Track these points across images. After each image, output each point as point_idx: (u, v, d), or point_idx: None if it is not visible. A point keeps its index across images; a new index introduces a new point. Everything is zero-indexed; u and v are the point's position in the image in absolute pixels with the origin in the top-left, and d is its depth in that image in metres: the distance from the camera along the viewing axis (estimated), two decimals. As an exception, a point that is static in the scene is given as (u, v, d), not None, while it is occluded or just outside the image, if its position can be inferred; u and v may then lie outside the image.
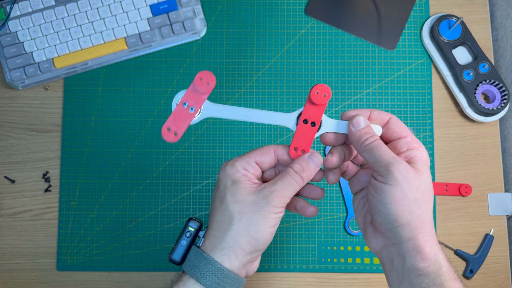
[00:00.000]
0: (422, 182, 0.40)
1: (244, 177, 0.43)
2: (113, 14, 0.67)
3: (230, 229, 0.41)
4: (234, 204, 0.42)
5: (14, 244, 0.67)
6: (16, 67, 0.67)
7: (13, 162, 0.68)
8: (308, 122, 0.44)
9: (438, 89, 0.70)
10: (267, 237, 0.42)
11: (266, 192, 0.41)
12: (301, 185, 0.43)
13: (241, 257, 0.42)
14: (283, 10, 0.71)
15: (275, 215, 0.42)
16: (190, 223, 0.44)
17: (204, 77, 0.43)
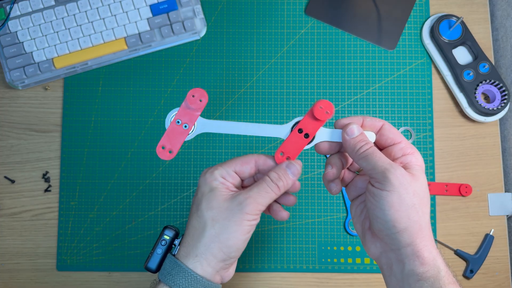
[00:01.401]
0: (418, 187, 0.40)
1: (222, 185, 0.43)
2: (113, 14, 0.67)
3: (203, 235, 0.42)
4: (208, 211, 0.42)
5: (14, 244, 0.67)
6: (16, 67, 0.67)
7: (13, 162, 0.68)
8: (302, 132, 0.44)
9: (438, 89, 0.70)
10: (239, 244, 0.42)
11: (241, 199, 0.42)
12: (277, 193, 0.43)
13: (213, 264, 0.42)
14: (283, 10, 0.71)
15: (248, 222, 0.42)
16: (165, 231, 0.45)
17: (196, 94, 0.43)
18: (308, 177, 0.68)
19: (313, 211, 0.67)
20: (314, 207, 0.67)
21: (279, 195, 0.43)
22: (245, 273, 0.66)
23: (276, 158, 0.44)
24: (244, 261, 0.66)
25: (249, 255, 0.66)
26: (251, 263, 0.66)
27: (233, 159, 0.45)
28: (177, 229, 0.46)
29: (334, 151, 0.45)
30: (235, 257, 0.43)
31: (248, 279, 0.66)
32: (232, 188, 0.44)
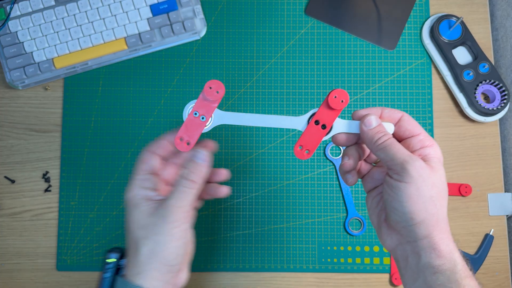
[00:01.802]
0: (437, 180, 0.39)
1: (142, 199, 0.42)
2: (113, 14, 0.67)
3: (139, 254, 0.41)
4: (138, 231, 0.41)
5: (14, 244, 0.67)
6: (16, 67, 0.67)
7: (13, 162, 0.68)
8: (319, 123, 0.44)
9: (438, 89, 0.70)
10: (177, 251, 0.41)
11: (162, 212, 0.41)
12: (195, 187, 0.42)
13: (158, 277, 0.41)
14: (283, 10, 0.71)
15: (178, 229, 0.41)
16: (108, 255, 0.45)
17: (214, 86, 0.43)
18: (308, 177, 0.68)
19: (313, 211, 0.67)
20: (314, 207, 0.67)
21: (198, 188, 0.43)
22: (245, 273, 0.66)
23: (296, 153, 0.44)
24: (244, 261, 0.66)
25: (249, 255, 0.66)
26: (251, 263, 0.66)
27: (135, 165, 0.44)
28: (122, 249, 0.45)
29: (351, 142, 0.45)
30: (179, 264, 0.42)
31: (248, 279, 0.66)
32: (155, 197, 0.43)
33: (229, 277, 0.66)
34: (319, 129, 0.44)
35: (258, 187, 0.67)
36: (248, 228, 0.67)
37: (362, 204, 0.67)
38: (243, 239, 0.67)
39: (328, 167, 0.68)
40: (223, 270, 0.66)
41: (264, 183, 0.67)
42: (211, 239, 0.67)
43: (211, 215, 0.67)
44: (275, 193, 0.67)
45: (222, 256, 0.66)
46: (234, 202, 0.67)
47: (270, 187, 0.67)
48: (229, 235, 0.67)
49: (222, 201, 0.67)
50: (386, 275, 0.66)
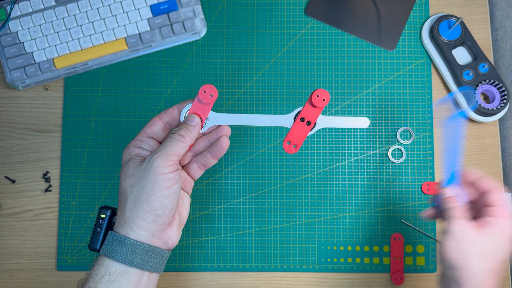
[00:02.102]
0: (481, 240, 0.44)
1: (136, 155, 0.45)
2: (113, 14, 0.67)
3: (126, 203, 0.43)
4: (125, 180, 0.43)
5: (14, 244, 0.67)
6: (17, 67, 0.67)
7: (13, 162, 0.68)
8: (304, 120, 0.49)
9: (437, 89, 0.70)
10: (162, 200, 0.42)
11: (149, 157, 0.43)
12: (183, 141, 0.44)
13: (144, 226, 0.42)
14: (283, 10, 0.71)
15: (163, 176, 0.42)
16: (101, 211, 0.47)
17: (207, 90, 0.47)
18: (308, 177, 0.68)
19: (313, 211, 0.67)
20: (314, 207, 0.67)
21: (188, 144, 0.45)
22: (245, 273, 0.66)
23: (285, 148, 0.50)
24: (244, 261, 0.66)
25: (249, 255, 0.66)
26: (251, 263, 0.66)
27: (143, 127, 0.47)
28: (113, 208, 0.47)
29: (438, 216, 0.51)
30: (163, 215, 0.43)
31: (248, 279, 0.66)
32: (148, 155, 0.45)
33: (229, 277, 0.66)
34: (304, 125, 0.49)
35: (258, 187, 0.67)
36: (248, 228, 0.67)
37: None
38: (243, 239, 0.67)
39: (328, 167, 0.68)
40: (223, 270, 0.66)
41: (264, 183, 0.68)
42: (211, 239, 0.67)
43: (211, 215, 0.67)
44: (275, 193, 0.67)
45: (222, 256, 0.66)
46: (234, 202, 0.67)
47: (270, 187, 0.68)
48: (229, 235, 0.67)
49: (222, 201, 0.67)
50: (386, 275, 0.66)
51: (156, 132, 0.47)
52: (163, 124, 0.47)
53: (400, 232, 0.66)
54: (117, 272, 0.42)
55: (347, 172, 0.68)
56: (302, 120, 0.49)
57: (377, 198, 0.67)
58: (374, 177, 0.68)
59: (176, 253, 0.66)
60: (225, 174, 0.68)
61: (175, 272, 0.66)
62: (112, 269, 0.42)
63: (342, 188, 0.67)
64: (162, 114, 0.48)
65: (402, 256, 0.66)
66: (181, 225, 0.47)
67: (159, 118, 0.47)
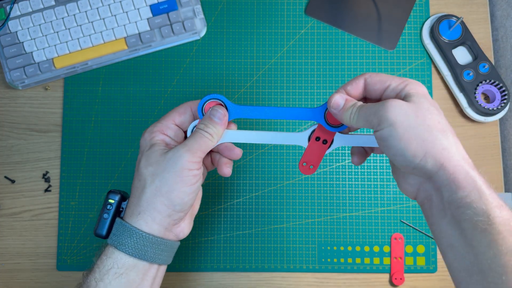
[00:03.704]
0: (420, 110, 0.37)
1: (161, 141, 0.43)
2: (113, 14, 0.67)
3: (144, 192, 0.41)
4: (147, 168, 0.41)
5: (14, 244, 0.67)
6: (16, 67, 0.67)
7: (13, 162, 0.68)
8: (320, 139, 0.45)
9: (438, 89, 0.70)
10: (183, 197, 0.41)
11: (177, 150, 0.41)
12: (210, 139, 0.42)
13: (158, 219, 0.41)
14: (283, 10, 0.71)
15: (189, 172, 0.41)
16: (109, 195, 0.44)
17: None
18: (308, 177, 0.68)
19: (313, 211, 0.67)
20: (314, 207, 0.67)
21: (215, 142, 0.43)
22: (245, 273, 0.66)
23: (300, 169, 0.46)
24: (244, 261, 0.66)
25: (249, 255, 0.66)
26: (251, 263, 0.66)
27: (169, 112, 0.45)
28: (122, 192, 0.45)
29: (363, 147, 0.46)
30: (181, 211, 0.42)
31: (248, 279, 0.66)
32: (173, 144, 0.43)
33: (229, 277, 0.66)
34: (320, 144, 0.45)
35: (258, 187, 0.67)
36: (248, 228, 0.67)
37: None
38: (243, 239, 0.67)
39: (329, 167, 0.68)
40: (223, 270, 0.66)
41: (264, 183, 0.68)
42: (211, 239, 0.67)
43: (211, 215, 0.67)
44: (275, 193, 0.67)
45: (222, 256, 0.66)
46: (234, 202, 0.67)
47: (270, 187, 0.67)
48: (229, 235, 0.67)
49: (222, 201, 0.67)
50: (386, 275, 0.66)
51: (183, 122, 0.45)
52: (192, 116, 0.45)
53: (400, 232, 0.66)
54: (126, 265, 0.40)
55: (347, 172, 0.68)
56: (317, 139, 0.45)
57: (377, 198, 0.67)
58: (374, 177, 0.67)
59: (176, 253, 0.66)
60: (225, 174, 0.68)
61: (175, 272, 0.66)
62: (121, 262, 0.40)
63: (342, 188, 0.67)
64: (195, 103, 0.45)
65: (402, 257, 0.66)
66: (193, 216, 0.46)
67: (190, 107, 0.45)
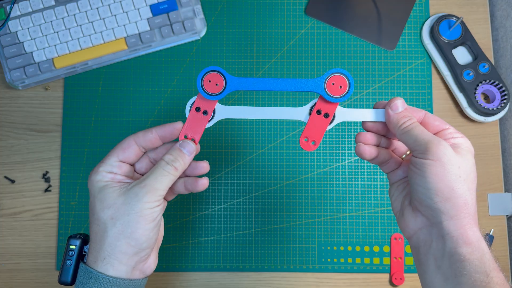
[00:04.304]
0: (464, 164, 0.38)
1: (111, 181, 0.41)
2: (113, 14, 0.67)
3: (106, 236, 0.39)
4: (104, 211, 0.40)
5: (14, 244, 0.67)
6: (16, 67, 0.67)
7: (13, 162, 0.68)
8: (321, 113, 0.43)
9: (438, 89, 0.70)
10: (147, 234, 0.40)
11: (136, 190, 0.40)
12: (175, 174, 0.41)
13: (125, 261, 0.40)
14: (283, 10, 0.71)
15: (150, 211, 0.40)
16: (70, 241, 0.43)
17: (213, 79, 0.42)
18: (308, 177, 0.68)
19: (313, 211, 0.67)
20: (314, 207, 0.67)
21: (177, 175, 0.42)
22: (245, 273, 0.66)
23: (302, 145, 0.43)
24: (244, 261, 0.66)
25: (249, 255, 0.66)
26: (251, 263, 0.66)
27: (113, 149, 0.43)
28: (83, 236, 0.43)
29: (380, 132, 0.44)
30: (148, 248, 0.41)
31: (248, 279, 0.66)
32: (124, 180, 0.42)
33: (229, 277, 0.66)
34: (322, 118, 0.43)
35: (258, 187, 0.67)
36: (248, 228, 0.67)
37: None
38: (243, 239, 0.67)
39: (329, 167, 0.68)
40: (223, 270, 0.66)
41: (264, 183, 0.68)
42: (211, 239, 0.67)
43: (211, 215, 0.67)
44: (275, 193, 0.67)
45: (222, 256, 0.66)
46: (234, 202, 0.67)
47: (270, 187, 0.67)
48: (229, 235, 0.67)
49: (222, 201, 0.67)
50: (386, 275, 0.66)
51: (129, 157, 0.43)
52: (137, 148, 0.43)
53: (400, 232, 0.66)
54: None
55: (347, 172, 0.68)
56: (318, 112, 0.43)
57: (377, 198, 0.67)
58: (374, 177, 0.67)
59: (176, 253, 0.66)
60: (225, 174, 0.68)
61: (175, 272, 0.66)
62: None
63: (342, 188, 0.67)
64: (139, 136, 0.43)
65: (402, 257, 0.66)
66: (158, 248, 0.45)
67: (134, 141, 0.43)
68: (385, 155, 0.44)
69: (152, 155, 0.45)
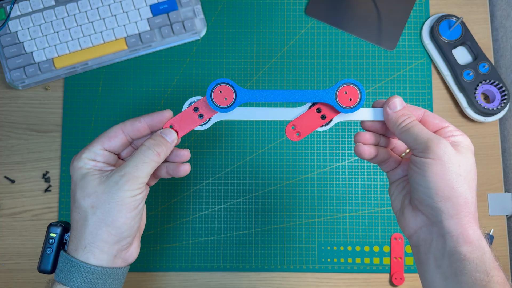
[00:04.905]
0: (464, 162, 0.38)
1: (93, 169, 0.40)
2: (113, 14, 0.67)
3: (87, 225, 0.39)
4: (85, 199, 0.39)
5: (14, 244, 0.67)
6: (16, 67, 0.67)
7: (13, 162, 0.68)
8: (320, 112, 0.43)
9: (438, 89, 0.70)
10: (129, 222, 0.39)
11: (116, 178, 0.39)
12: (157, 161, 0.40)
13: (106, 249, 0.39)
14: (283, 10, 0.71)
15: (131, 199, 0.39)
16: (50, 229, 0.42)
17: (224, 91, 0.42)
18: (308, 177, 0.68)
19: (313, 211, 0.67)
20: (314, 207, 0.67)
21: (159, 162, 0.41)
22: (245, 273, 0.66)
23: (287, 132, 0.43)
24: (244, 261, 0.66)
25: (249, 255, 0.66)
26: (251, 263, 0.66)
27: (99, 137, 0.42)
28: (63, 223, 0.42)
29: (379, 131, 0.44)
30: (129, 236, 0.40)
31: (248, 279, 0.66)
32: (106, 168, 0.41)
33: (229, 277, 0.66)
34: (318, 117, 0.43)
35: (258, 187, 0.67)
36: (248, 228, 0.67)
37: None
38: (243, 239, 0.67)
39: (329, 167, 0.68)
40: (223, 270, 0.66)
41: (264, 183, 0.68)
42: (211, 239, 0.67)
43: (211, 215, 0.67)
44: (275, 193, 0.67)
45: (222, 256, 0.66)
46: (234, 202, 0.67)
47: (270, 187, 0.67)
48: (229, 235, 0.67)
49: (222, 201, 0.67)
50: (386, 275, 0.66)
51: (115, 146, 0.42)
52: (124, 138, 0.42)
53: (400, 232, 0.66)
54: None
55: (347, 172, 0.68)
56: (318, 110, 0.43)
57: (377, 198, 0.67)
58: (374, 177, 0.67)
59: (176, 253, 0.66)
60: (225, 174, 0.68)
61: (175, 272, 0.66)
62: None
63: (342, 188, 0.67)
64: (126, 125, 0.42)
65: (402, 257, 0.66)
66: (140, 237, 0.44)
67: (121, 130, 0.42)
68: (384, 154, 0.44)
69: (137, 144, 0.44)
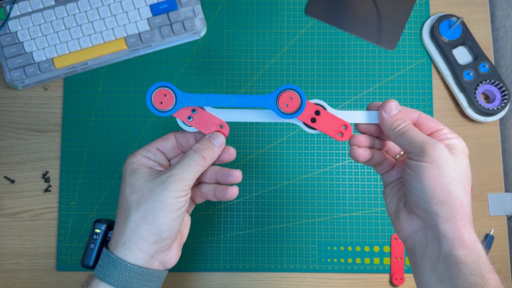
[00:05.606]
0: (459, 165, 0.38)
1: (143, 166, 0.42)
2: (113, 14, 0.67)
3: (129, 221, 0.39)
4: (132, 195, 0.40)
5: (14, 244, 0.67)
6: (16, 67, 0.67)
7: (13, 162, 0.68)
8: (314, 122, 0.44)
9: (438, 89, 0.70)
10: (170, 223, 0.40)
11: (163, 178, 0.40)
12: (203, 165, 0.41)
13: (145, 248, 0.39)
14: (283, 10, 0.71)
15: (175, 200, 0.39)
16: (96, 225, 0.43)
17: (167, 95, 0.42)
18: (308, 177, 0.68)
19: (313, 211, 0.67)
20: (314, 207, 0.67)
21: (206, 167, 0.42)
22: (245, 273, 0.66)
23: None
24: (244, 261, 0.66)
25: (249, 255, 0.66)
26: (251, 263, 0.66)
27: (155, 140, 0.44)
28: (109, 221, 0.44)
29: (374, 134, 0.44)
30: (168, 238, 0.40)
31: (248, 279, 0.66)
32: (156, 167, 0.42)
33: (229, 277, 0.66)
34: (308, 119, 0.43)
35: (258, 187, 0.67)
36: (248, 228, 0.67)
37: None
38: (243, 239, 0.67)
39: (329, 167, 0.68)
40: (223, 270, 0.66)
41: (264, 183, 0.67)
42: (211, 239, 0.67)
43: (211, 215, 0.67)
44: (275, 193, 0.67)
45: (222, 256, 0.66)
46: (234, 202, 0.67)
47: (270, 187, 0.67)
48: (229, 235, 0.67)
49: (222, 201, 0.67)
50: (386, 275, 0.66)
51: (167, 149, 0.44)
52: (175, 143, 0.44)
53: (400, 232, 0.66)
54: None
55: (347, 172, 0.68)
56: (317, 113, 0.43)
57: (377, 198, 0.67)
58: (374, 177, 0.67)
59: (176, 253, 0.66)
60: (225, 174, 0.68)
61: (175, 272, 0.66)
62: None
63: (342, 188, 0.67)
64: (179, 133, 0.45)
65: (402, 257, 0.66)
66: (181, 245, 0.45)
67: (174, 136, 0.44)
68: (379, 156, 0.44)
69: None
